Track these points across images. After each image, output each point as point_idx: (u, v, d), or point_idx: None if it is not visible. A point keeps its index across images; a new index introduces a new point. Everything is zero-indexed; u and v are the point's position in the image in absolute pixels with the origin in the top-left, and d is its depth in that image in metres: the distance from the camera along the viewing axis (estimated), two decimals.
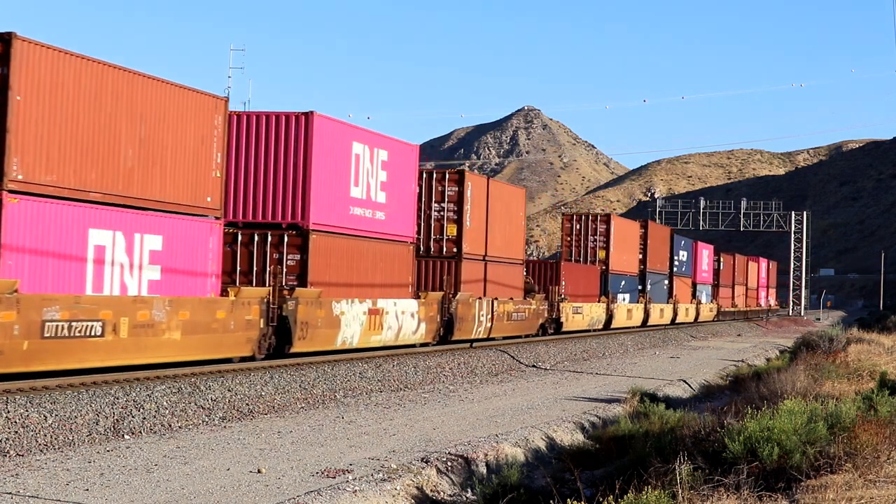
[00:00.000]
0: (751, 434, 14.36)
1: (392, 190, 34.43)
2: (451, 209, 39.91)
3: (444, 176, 40.24)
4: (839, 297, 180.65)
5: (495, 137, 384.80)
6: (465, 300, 39.00)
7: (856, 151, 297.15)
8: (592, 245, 60.98)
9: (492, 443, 19.88)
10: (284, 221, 29.71)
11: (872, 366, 30.20)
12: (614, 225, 61.98)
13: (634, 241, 66.66)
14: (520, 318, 45.57)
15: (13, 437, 17.35)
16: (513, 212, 46.05)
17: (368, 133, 33.48)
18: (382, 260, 33.66)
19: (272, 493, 14.65)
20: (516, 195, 47.78)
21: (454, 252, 39.76)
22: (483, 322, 40.82)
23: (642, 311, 66.24)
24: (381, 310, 32.66)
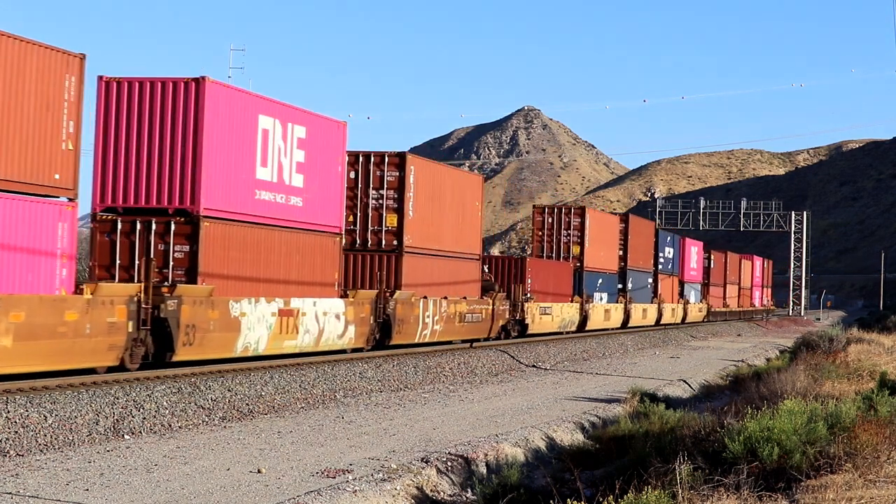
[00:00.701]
0: (751, 434, 14.36)
1: (312, 172, 30.29)
2: (391, 197, 35.75)
3: (382, 159, 35.85)
4: (839, 297, 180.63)
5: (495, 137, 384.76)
6: (406, 300, 34.92)
7: (856, 151, 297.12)
8: (566, 240, 56.33)
9: (492, 443, 19.88)
10: (171, 206, 25.60)
11: (872, 366, 30.20)
12: (590, 218, 57.52)
13: (613, 236, 62.39)
14: (475, 319, 41.29)
15: (13, 437, 17.35)
16: (467, 201, 41.73)
17: (280, 105, 29.08)
18: (300, 253, 29.62)
19: (272, 493, 14.65)
20: (471, 183, 43.33)
21: (394, 245, 35.62)
22: (429, 324, 36.69)
23: (622, 312, 62.12)
24: (295, 310, 28.47)
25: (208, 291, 25.22)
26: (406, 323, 34.87)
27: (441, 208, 38.89)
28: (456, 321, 39.24)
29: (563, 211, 57.27)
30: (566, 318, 52.51)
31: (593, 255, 57.54)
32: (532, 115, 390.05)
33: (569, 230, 56.34)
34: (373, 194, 35.81)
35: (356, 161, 35.53)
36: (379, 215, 35.73)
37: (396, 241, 35.67)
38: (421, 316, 36.02)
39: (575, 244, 56.20)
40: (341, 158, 32.43)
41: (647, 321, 67.73)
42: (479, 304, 41.94)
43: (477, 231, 42.93)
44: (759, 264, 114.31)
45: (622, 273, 63.41)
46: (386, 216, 35.69)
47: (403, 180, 35.89)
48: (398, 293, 34.47)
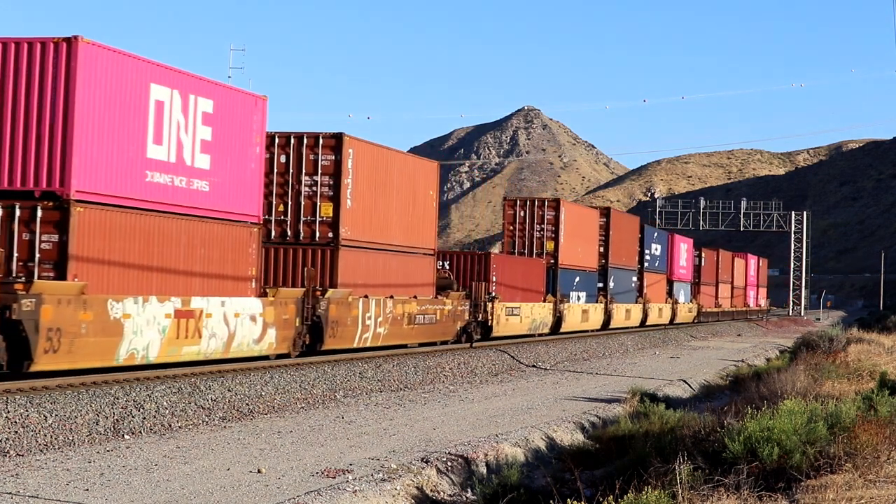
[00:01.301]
0: (751, 434, 14.36)
1: (221, 153, 26.44)
2: (325, 183, 31.96)
3: (316, 141, 31.99)
4: (839, 297, 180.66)
5: (495, 137, 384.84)
6: (342, 299, 31.01)
7: (856, 151, 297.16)
8: (539, 235, 51.94)
9: (492, 443, 19.88)
10: (38, 189, 21.76)
11: (872, 366, 30.20)
12: (565, 211, 52.95)
13: (593, 231, 58.05)
14: (428, 321, 37.21)
15: (13, 437, 17.36)
16: (419, 189, 37.42)
17: (180, 74, 25.06)
18: (205, 245, 25.77)
19: (272, 493, 14.65)
20: (424, 169, 38.37)
21: (329, 238, 31.82)
22: (371, 327, 32.72)
23: (602, 313, 58.16)
24: (197, 311, 24.65)
25: (78, 289, 21.40)
26: (342, 325, 30.96)
27: (387, 197, 34.88)
28: (404, 323, 35.16)
29: (535, 203, 52.84)
30: (537, 320, 48.71)
31: (569, 252, 53.46)
32: (532, 115, 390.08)
33: (542, 224, 52.03)
34: (306, 181, 32.00)
35: (287, 143, 32.00)
36: (312, 204, 31.94)
37: (332, 234, 31.81)
38: (361, 317, 32.03)
39: (549, 239, 52.02)
40: (260, 138, 28.25)
41: (631, 322, 64.16)
42: (434, 305, 37.81)
43: (431, 223, 38.60)
44: (754, 263, 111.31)
45: (603, 271, 59.35)
46: (320, 205, 31.92)
47: (340, 164, 31.96)
48: (331, 292, 30.65)
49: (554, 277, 51.66)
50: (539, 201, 53.28)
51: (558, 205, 52.74)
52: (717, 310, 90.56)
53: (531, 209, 52.48)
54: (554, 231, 52.12)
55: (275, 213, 31.70)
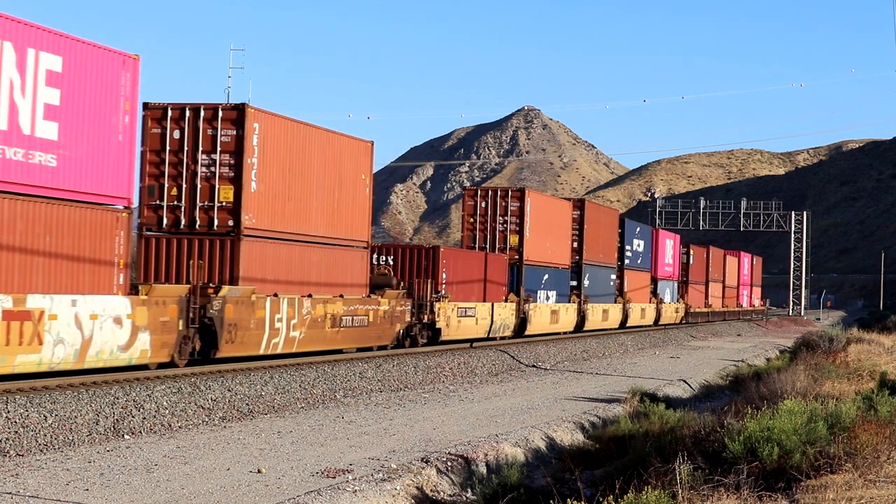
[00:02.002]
0: (751, 434, 14.37)
1: (74, 121, 22.18)
2: (226, 162, 27.83)
3: (215, 113, 27.82)
4: (839, 297, 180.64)
5: (495, 137, 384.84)
6: (243, 298, 26.86)
7: (856, 151, 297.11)
8: (502, 228, 47.10)
9: (492, 443, 19.88)
10: None
11: (872, 366, 30.21)
12: (531, 202, 48.03)
13: (565, 225, 53.14)
14: (358, 323, 32.65)
15: (13, 437, 17.36)
16: (348, 173, 32.84)
17: (13, 23, 20.76)
18: (51, 232, 21.57)
19: (272, 493, 14.65)
20: (353, 149, 33.30)
21: (229, 226, 27.70)
22: (282, 330, 28.43)
23: (574, 313, 53.77)
24: (36, 312, 20.34)
25: None
26: (242, 329, 26.70)
27: (306, 180, 30.49)
28: (326, 326, 30.75)
29: (497, 193, 47.82)
30: (497, 321, 44.10)
31: (536, 247, 48.58)
32: (532, 115, 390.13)
33: (505, 216, 47.12)
34: (203, 160, 27.79)
35: (181, 116, 27.80)
36: (210, 187, 27.79)
37: (232, 221, 27.65)
38: (268, 319, 27.77)
39: (513, 233, 47.10)
40: (130, 104, 23.84)
41: (609, 324, 59.70)
42: (365, 305, 33.13)
43: (364, 212, 33.90)
44: (748, 261, 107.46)
45: (577, 268, 54.59)
46: (219, 188, 27.76)
47: (243, 140, 27.66)
48: (227, 289, 26.43)
49: (518, 275, 47.12)
50: (502, 191, 48.14)
51: (523, 195, 47.66)
52: (707, 310, 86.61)
53: (493, 199, 47.48)
54: (519, 224, 47.20)
55: (167, 198, 27.78)
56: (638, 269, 66.44)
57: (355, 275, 33.39)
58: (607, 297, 59.61)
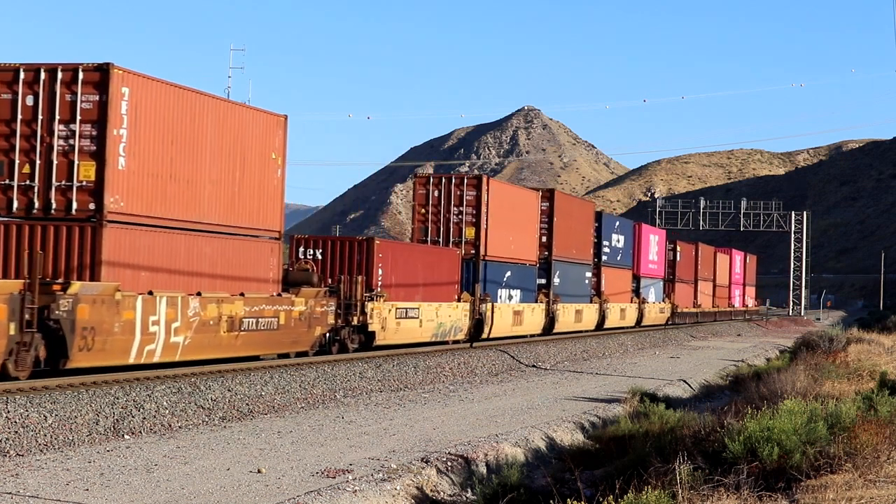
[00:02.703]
0: (751, 434, 14.37)
1: None
2: (87, 134, 23.47)
3: (74, 76, 23.46)
4: (839, 297, 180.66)
5: (495, 137, 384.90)
6: (104, 296, 22.43)
7: (856, 151, 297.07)
8: (457, 220, 42.31)
9: (492, 443, 19.88)
10: None
11: (872, 366, 30.22)
12: (491, 191, 43.17)
13: (531, 217, 48.26)
14: (265, 326, 27.92)
15: (13, 437, 17.36)
16: (252, 150, 28.21)
17: None
18: None
19: (272, 493, 14.65)
20: (260, 123, 28.66)
21: (90, 210, 23.43)
22: (159, 335, 23.96)
23: (542, 314, 48.82)
24: None
25: None
26: (103, 333, 22.32)
27: (196, 158, 26.21)
28: (222, 329, 26.23)
29: (452, 181, 42.93)
30: (447, 324, 39.20)
31: (497, 240, 43.73)
32: (532, 115, 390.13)
33: (460, 206, 42.30)
34: (60, 131, 23.55)
35: (36, 79, 23.58)
36: (69, 163, 23.51)
37: (94, 204, 23.39)
38: (140, 322, 23.35)
39: (469, 225, 42.28)
40: None
41: (583, 325, 54.96)
42: (274, 305, 28.43)
43: (275, 197, 29.37)
44: (740, 259, 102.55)
45: (545, 265, 49.50)
46: (79, 164, 23.46)
47: (107, 107, 23.34)
48: (79, 286, 22.02)
49: (474, 272, 42.19)
50: (457, 178, 43.23)
51: (480, 183, 42.75)
52: (696, 310, 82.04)
53: (447, 188, 42.52)
54: (475, 215, 42.29)
55: (18, 176, 23.53)
56: (617, 267, 61.93)
57: (262, 270, 28.69)
58: (581, 297, 54.85)
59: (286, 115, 29.79)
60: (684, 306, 77.67)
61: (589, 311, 55.62)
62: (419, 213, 42.94)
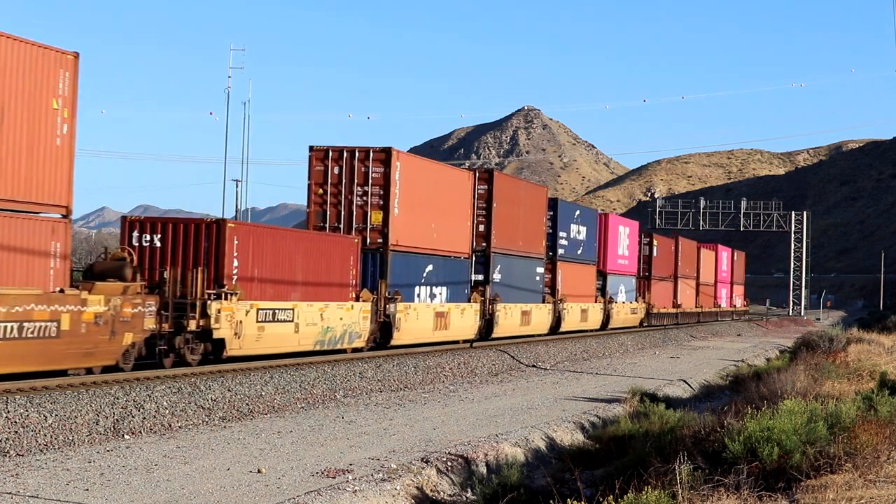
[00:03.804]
0: (751, 434, 14.37)
1: None
2: None
3: None
4: (839, 297, 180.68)
5: (495, 137, 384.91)
6: None
7: (856, 151, 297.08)
8: (361, 202, 34.85)
9: (492, 443, 19.88)
10: None
11: (872, 366, 30.22)
12: (403, 167, 35.51)
13: (463, 201, 40.83)
14: (34, 334, 20.81)
15: (13, 437, 17.36)
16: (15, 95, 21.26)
17: None
18: None
19: (272, 493, 14.65)
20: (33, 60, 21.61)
21: None
22: None
23: (476, 316, 41.21)
24: None
25: None
26: None
27: None
28: None
29: (356, 156, 35.00)
30: (338, 328, 31.46)
31: (413, 227, 36.29)
32: (532, 115, 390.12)
33: (365, 186, 34.85)
34: None
35: None
36: None
37: None
38: None
39: (375, 209, 34.81)
40: None
41: (533, 328, 47.60)
42: (54, 305, 21.51)
43: (59, 160, 22.34)
44: (727, 256, 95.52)
45: (483, 258, 42.39)
46: None
47: None
48: None
49: (381, 265, 34.53)
50: (361, 152, 35.00)
51: (389, 157, 34.81)
52: (676, 311, 75.34)
53: (350, 163, 34.94)
54: (384, 196, 34.72)
55: None
56: (577, 262, 54.33)
57: (32, 258, 21.76)
58: (531, 295, 47.24)
59: (77, 54, 22.82)
60: (662, 306, 71.33)
61: (539, 313, 47.88)
62: (316, 194, 35.21)
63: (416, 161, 38.08)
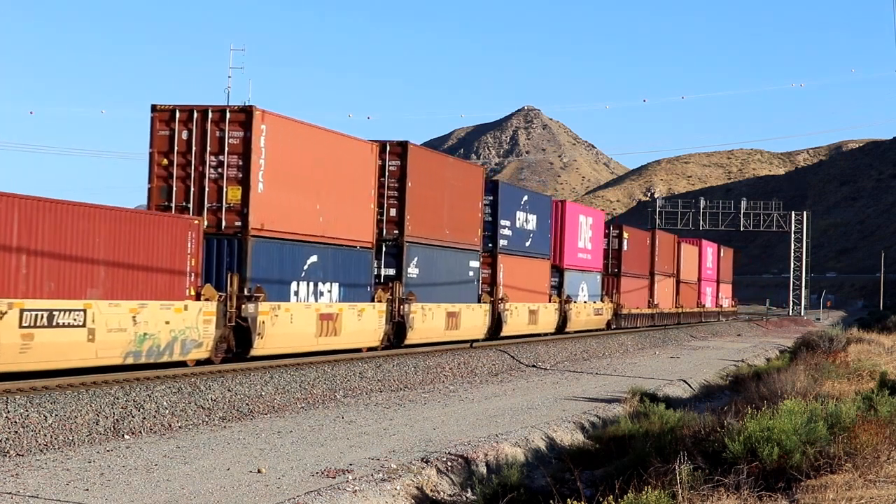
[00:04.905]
0: (751, 434, 14.37)
1: None
2: None
3: None
4: (839, 297, 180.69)
5: (495, 137, 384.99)
6: None
7: (856, 151, 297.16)
8: (215, 175, 27.83)
9: (492, 443, 19.88)
10: None
11: (872, 366, 30.22)
12: (271, 132, 28.33)
13: (363, 179, 33.02)
14: None
15: (13, 437, 17.36)
16: None
17: None
18: None
19: (272, 493, 14.65)
20: None
21: None
22: None
23: (381, 319, 33.52)
24: None
25: None
26: None
27: None
28: None
29: (209, 117, 27.96)
30: (162, 336, 24.45)
31: (285, 208, 29.15)
32: (532, 115, 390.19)
33: (220, 155, 27.88)
34: None
35: None
36: None
37: None
38: None
39: (233, 183, 27.87)
40: None
41: (463, 332, 39.66)
42: None
43: None
44: (712, 252, 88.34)
45: (394, 248, 35.05)
46: None
47: None
48: None
49: (240, 254, 27.63)
50: (215, 112, 28.01)
51: (251, 119, 27.79)
52: (652, 311, 68.73)
53: (201, 127, 28.05)
54: (243, 168, 27.84)
55: None
56: (525, 255, 46.88)
57: None
58: (462, 294, 39.96)
59: None
60: (635, 306, 64.79)
61: (472, 315, 40.61)
62: (160, 165, 28.26)
63: (291, 126, 29.69)
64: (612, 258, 61.68)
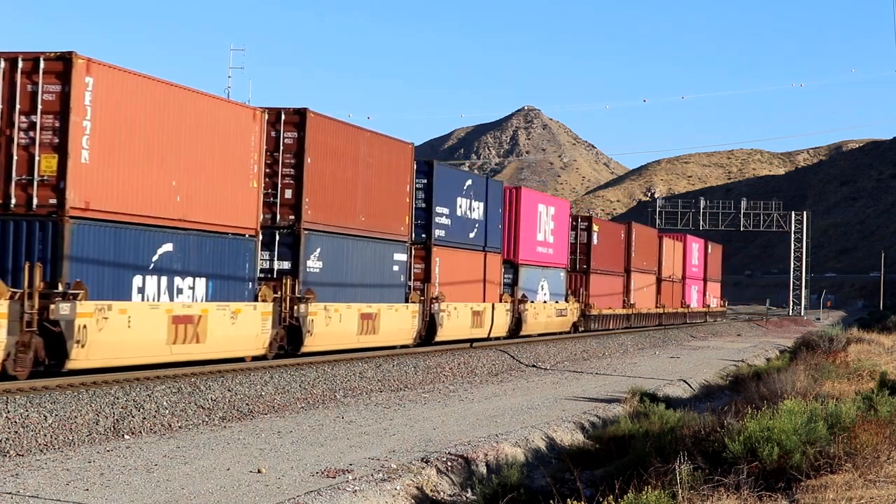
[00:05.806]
0: (751, 434, 14.37)
1: None
2: None
3: None
4: (839, 297, 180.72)
5: (495, 137, 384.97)
6: None
7: (856, 151, 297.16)
8: (25, 140, 21.76)
9: (492, 443, 19.88)
10: None
11: (872, 366, 30.22)
12: (97, 87, 22.17)
13: (242, 151, 27.37)
14: None
15: (13, 437, 17.36)
16: None
17: None
18: None
19: (272, 493, 14.65)
20: None
21: None
22: None
23: (267, 320, 27.90)
24: None
25: None
26: None
27: None
28: None
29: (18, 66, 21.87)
30: None
31: (123, 184, 23.21)
32: (532, 115, 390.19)
33: (32, 114, 21.87)
34: None
35: None
36: None
37: None
38: None
39: (47, 151, 21.87)
40: None
41: (383, 338, 34.13)
42: None
43: None
44: (698, 248, 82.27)
45: (290, 236, 29.69)
46: None
47: None
48: None
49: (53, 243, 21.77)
50: (27, 61, 21.96)
51: (70, 70, 21.72)
52: (628, 311, 62.96)
53: (9, 79, 21.91)
54: (60, 131, 21.88)
55: None
56: (470, 248, 41.31)
57: None
58: (384, 293, 34.35)
59: None
60: (605, 307, 58.66)
61: (396, 317, 34.85)
62: None
63: (131, 80, 23.48)
64: (579, 253, 55.86)
